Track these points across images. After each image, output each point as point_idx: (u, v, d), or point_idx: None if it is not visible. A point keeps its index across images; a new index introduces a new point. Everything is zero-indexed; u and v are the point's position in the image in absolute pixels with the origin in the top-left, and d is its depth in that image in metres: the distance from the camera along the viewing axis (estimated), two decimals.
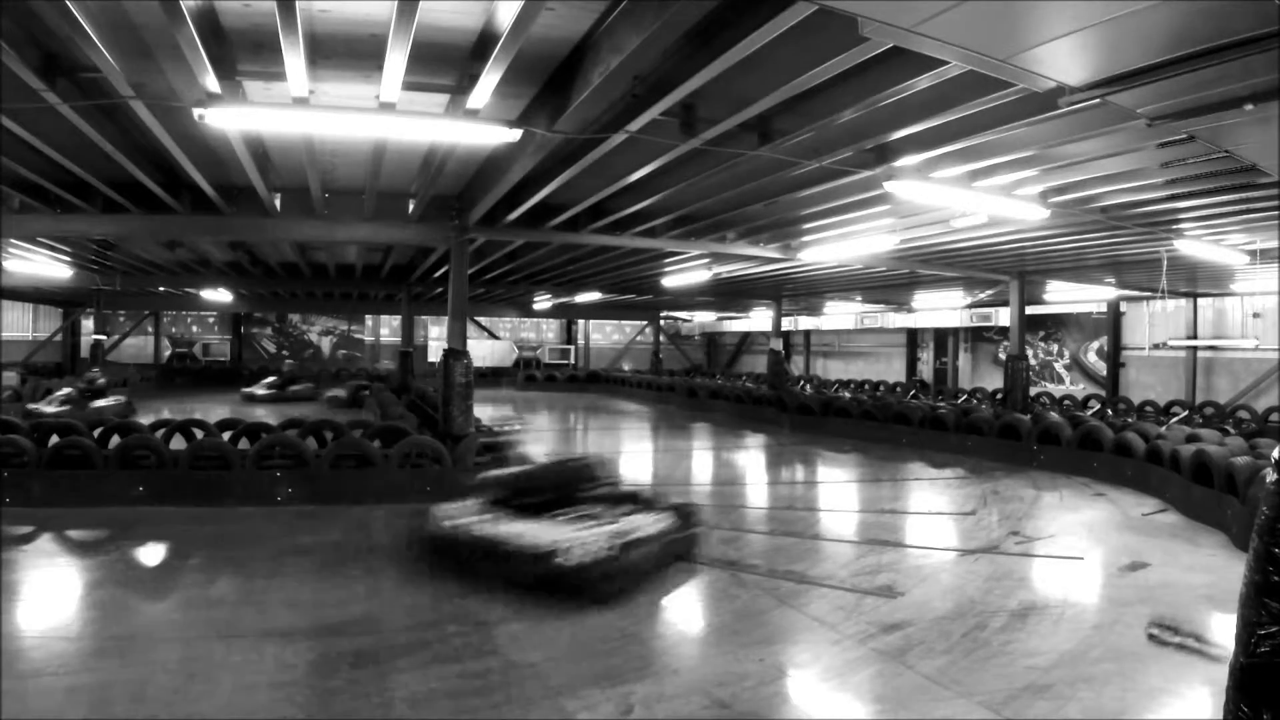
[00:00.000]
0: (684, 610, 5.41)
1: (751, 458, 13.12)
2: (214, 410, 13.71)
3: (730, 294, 21.18)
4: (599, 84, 4.64)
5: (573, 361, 31.89)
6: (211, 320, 29.19)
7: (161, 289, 21.87)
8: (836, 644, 4.54)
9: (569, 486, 6.08)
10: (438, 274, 16.68)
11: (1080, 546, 6.81)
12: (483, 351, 29.08)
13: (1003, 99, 4.82)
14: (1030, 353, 19.48)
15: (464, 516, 5.77)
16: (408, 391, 17.24)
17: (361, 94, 5.65)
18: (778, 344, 21.61)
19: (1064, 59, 2.71)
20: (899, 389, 20.76)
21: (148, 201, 8.96)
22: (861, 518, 8.26)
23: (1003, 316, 17.78)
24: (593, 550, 5.09)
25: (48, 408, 13.68)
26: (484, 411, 12.74)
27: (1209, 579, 5.79)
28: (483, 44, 4.73)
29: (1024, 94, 4.61)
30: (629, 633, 4.72)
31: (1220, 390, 16.02)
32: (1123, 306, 18.27)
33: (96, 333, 21.52)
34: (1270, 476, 2.27)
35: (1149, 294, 16.14)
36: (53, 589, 5.41)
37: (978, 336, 22.15)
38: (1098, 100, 2.93)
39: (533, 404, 22.48)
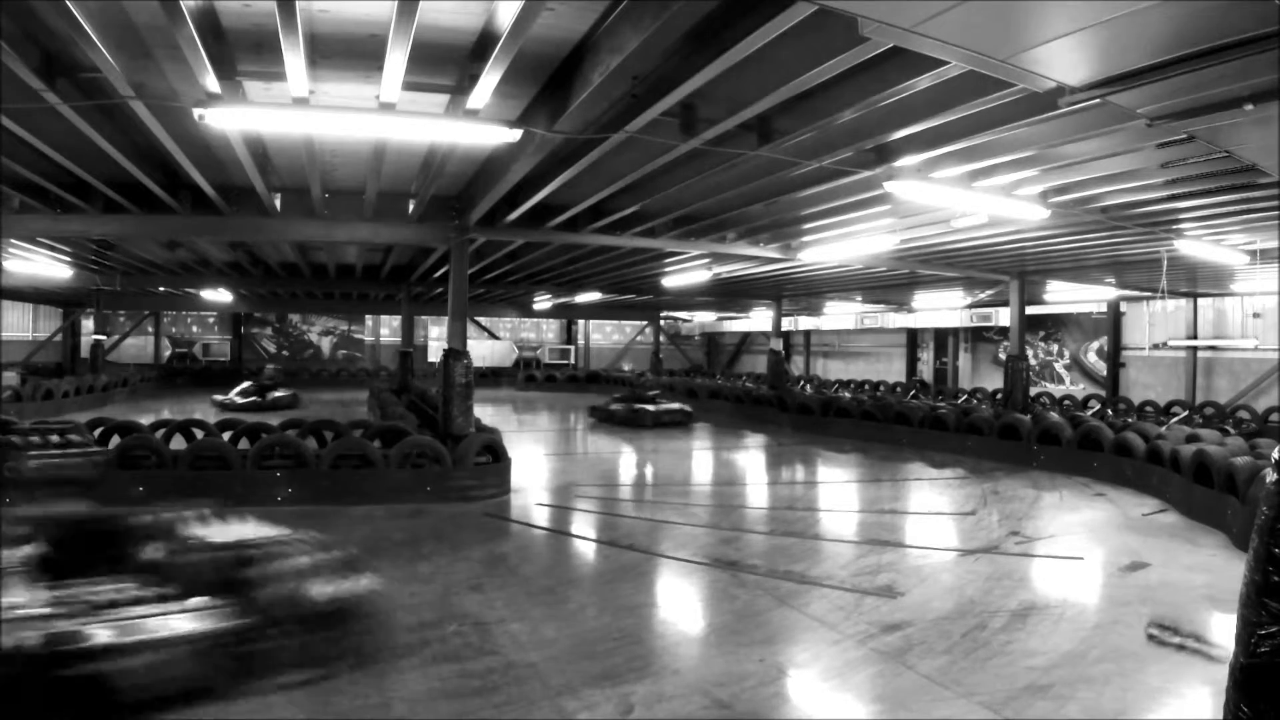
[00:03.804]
0: (684, 610, 5.41)
1: (751, 458, 13.12)
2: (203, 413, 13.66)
3: (730, 294, 21.17)
4: (599, 84, 4.63)
5: (573, 361, 31.89)
6: (211, 320, 29.18)
7: (161, 289, 21.86)
8: (836, 644, 4.54)
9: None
10: (438, 274, 16.68)
11: (1080, 547, 6.81)
12: (483, 351, 29.09)
13: (1003, 99, 4.81)
14: (1030, 353, 19.47)
15: None
16: (408, 391, 17.24)
17: (361, 94, 5.65)
18: (778, 344, 21.61)
19: (1064, 59, 2.70)
20: (899, 389, 20.77)
21: (148, 201, 8.96)
22: (861, 518, 8.26)
23: (1003, 316, 17.77)
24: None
25: None
26: (483, 411, 12.73)
27: (1209, 579, 5.79)
28: (483, 44, 4.72)
29: (1024, 94, 4.60)
30: (629, 633, 4.72)
31: (1220, 390, 16.02)
32: (1123, 306, 18.27)
33: (96, 333, 21.51)
34: (1270, 477, 2.27)
35: (1149, 294, 16.12)
36: None
37: (978, 336, 22.15)
38: (1098, 100, 2.92)
39: (533, 404, 22.48)
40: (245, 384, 19.17)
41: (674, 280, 16.81)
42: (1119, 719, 3.68)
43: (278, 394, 18.69)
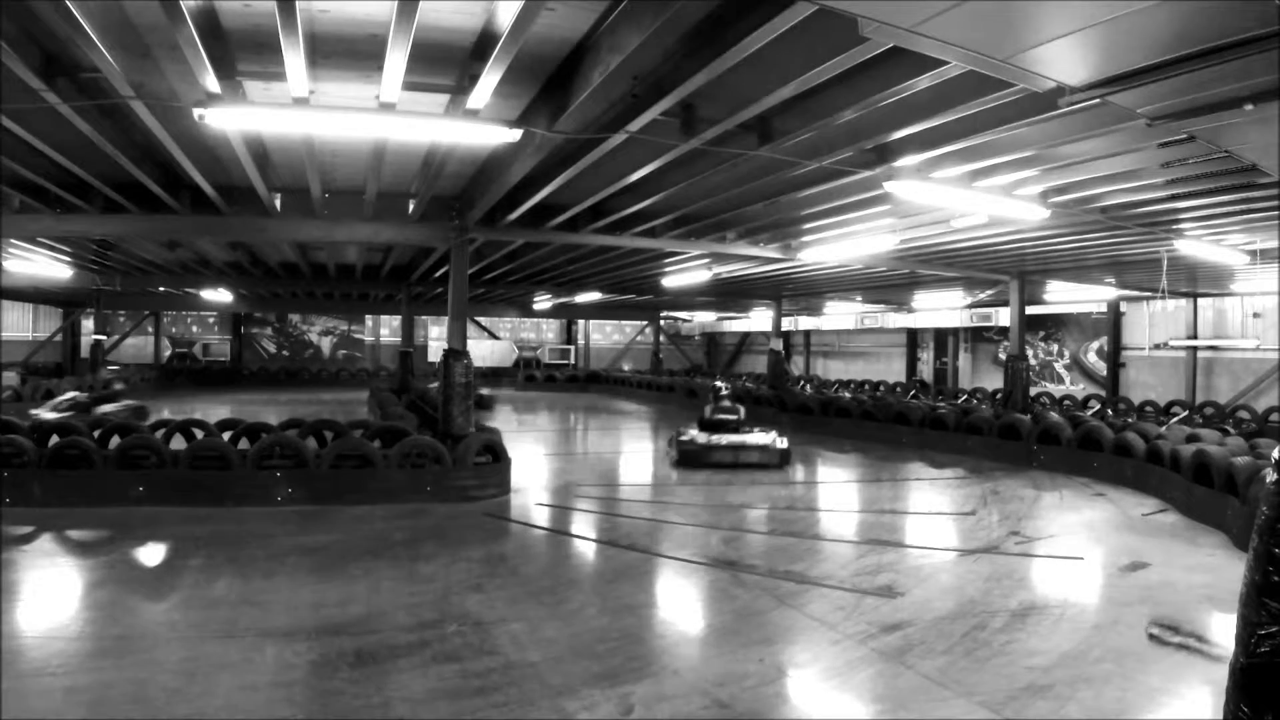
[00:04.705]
0: (684, 610, 5.42)
1: None
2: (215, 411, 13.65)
3: (730, 294, 21.17)
4: (599, 84, 4.63)
5: (573, 361, 31.89)
6: (211, 320, 29.19)
7: (161, 289, 21.86)
8: (836, 644, 4.54)
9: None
10: (438, 274, 16.68)
11: (1080, 547, 6.81)
12: (483, 351, 29.08)
13: (1003, 99, 4.81)
14: (1030, 353, 19.46)
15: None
16: (408, 391, 17.23)
17: (361, 94, 5.65)
18: (778, 344, 21.60)
19: (1064, 59, 2.70)
20: (899, 389, 20.76)
21: (148, 201, 8.96)
22: (861, 518, 8.26)
23: (1003, 316, 17.77)
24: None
25: None
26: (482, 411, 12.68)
27: (1209, 579, 5.79)
28: (483, 44, 4.72)
29: (1024, 94, 4.60)
30: (629, 633, 4.72)
31: (1220, 390, 16.02)
32: (1123, 306, 18.26)
33: (96, 333, 21.51)
34: (1270, 476, 2.27)
35: (1149, 294, 16.13)
36: (53, 589, 5.41)
37: (978, 336, 22.14)
38: (1098, 100, 2.92)
39: (533, 404, 22.47)
40: (70, 394, 13.47)
41: (674, 280, 16.81)
42: (1119, 719, 3.68)
43: (109, 408, 12.90)
